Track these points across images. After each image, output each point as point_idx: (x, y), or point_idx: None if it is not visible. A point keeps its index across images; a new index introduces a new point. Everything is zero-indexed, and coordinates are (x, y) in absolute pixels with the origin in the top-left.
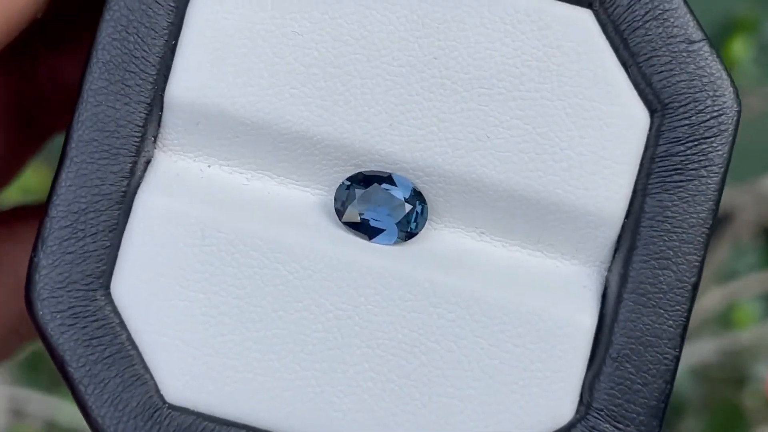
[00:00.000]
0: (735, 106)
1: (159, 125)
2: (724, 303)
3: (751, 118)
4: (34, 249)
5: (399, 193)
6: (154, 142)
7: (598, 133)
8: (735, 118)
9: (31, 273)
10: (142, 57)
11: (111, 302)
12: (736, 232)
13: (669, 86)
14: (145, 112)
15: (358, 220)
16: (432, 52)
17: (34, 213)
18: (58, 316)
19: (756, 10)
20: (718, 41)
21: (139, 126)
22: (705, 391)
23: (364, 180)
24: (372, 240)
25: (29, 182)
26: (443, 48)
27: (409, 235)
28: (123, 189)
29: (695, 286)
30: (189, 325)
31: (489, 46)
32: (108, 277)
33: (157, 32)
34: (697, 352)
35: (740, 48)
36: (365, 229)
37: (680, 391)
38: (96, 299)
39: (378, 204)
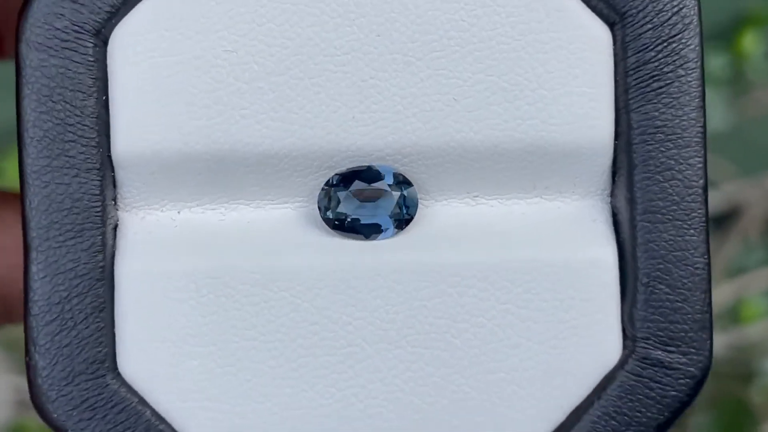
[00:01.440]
0: None
1: (114, 186)
2: (732, 298)
3: (761, 113)
4: (27, 352)
5: (382, 183)
6: (115, 204)
7: (563, 63)
8: (696, 8)
9: (32, 377)
10: (78, 123)
11: (124, 383)
12: (744, 227)
13: None
14: (98, 178)
15: (349, 222)
16: (373, 30)
17: (13, 198)
18: (75, 413)
19: (766, 4)
20: (728, 36)
21: (96, 195)
22: (712, 387)
23: (343, 180)
24: (369, 238)
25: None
26: (382, 23)
27: (405, 222)
28: (100, 264)
29: (705, 188)
30: (210, 382)
31: (430, 7)
32: (113, 359)
33: (84, 92)
34: None
35: (751, 42)
36: (359, 229)
37: None
38: (108, 384)
39: (365, 200)
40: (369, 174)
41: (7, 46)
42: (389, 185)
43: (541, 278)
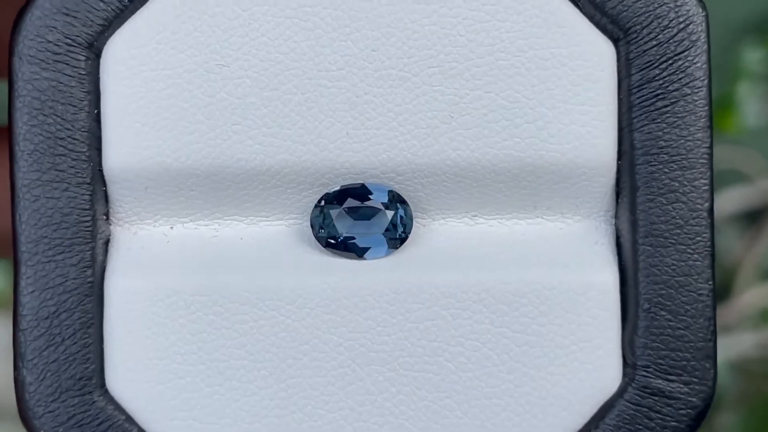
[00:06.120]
0: (700, 11)
1: (107, 201)
2: (765, 298)
3: None
4: (16, 367)
5: (376, 202)
6: (107, 219)
7: (564, 80)
8: (704, 24)
9: (20, 392)
10: (68, 136)
11: (111, 400)
12: None
13: (625, 10)
14: (88, 193)
15: (342, 240)
16: (368, 45)
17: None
18: (61, 430)
19: None
20: (765, 29)
21: (86, 209)
22: (743, 386)
23: (337, 198)
24: (362, 257)
25: None
26: (378, 37)
27: (400, 241)
28: (89, 279)
29: (710, 212)
30: (198, 401)
31: (427, 22)
32: (100, 375)
33: (75, 105)
34: (737, 345)
35: None
36: (353, 248)
37: (718, 385)
38: (95, 401)
39: (358, 218)
40: (362, 192)
41: None
42: (383, 203)
43: (539, 301)
